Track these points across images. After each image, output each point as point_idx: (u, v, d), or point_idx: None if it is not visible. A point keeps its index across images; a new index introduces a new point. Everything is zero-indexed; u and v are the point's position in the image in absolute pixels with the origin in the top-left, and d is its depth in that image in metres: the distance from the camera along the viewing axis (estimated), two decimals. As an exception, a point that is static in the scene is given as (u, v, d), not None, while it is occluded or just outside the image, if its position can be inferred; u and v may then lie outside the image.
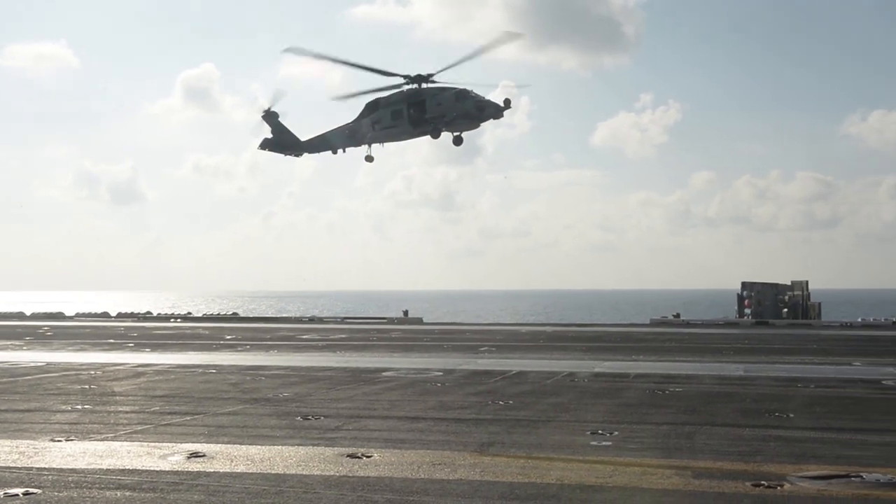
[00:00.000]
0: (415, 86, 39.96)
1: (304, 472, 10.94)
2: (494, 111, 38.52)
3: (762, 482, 10.27)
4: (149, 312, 71.70)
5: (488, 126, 41.88)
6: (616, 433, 13.61)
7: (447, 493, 9.91)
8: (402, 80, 39.24)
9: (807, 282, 59.66)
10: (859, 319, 55.28)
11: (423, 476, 10.73)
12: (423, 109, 39.63)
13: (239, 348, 32.38)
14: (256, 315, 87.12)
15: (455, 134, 40.44)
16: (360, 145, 43.24)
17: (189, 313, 76.51)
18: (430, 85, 39.89)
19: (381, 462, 11.51)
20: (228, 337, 39.18)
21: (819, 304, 59.30)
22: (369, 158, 43.29)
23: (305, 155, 46.85)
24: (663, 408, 16.46)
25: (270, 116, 45.42)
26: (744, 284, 60.74)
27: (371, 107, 41.49)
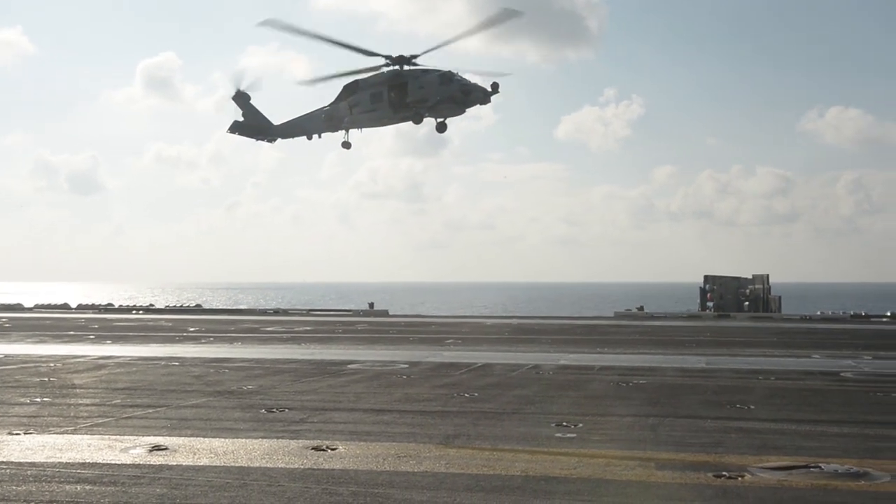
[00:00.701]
0: (396, 67, 37.65)
1: (268, 465, 10.85)
2: (481, 96, 36.58)
3: (724, 473, 10.40)
4: (110, 304, 70.72)
5: (454, 118, 39.85)
6: (581, 425, 13.69)
7: (412, 486, 9.89)
8: (382, 62, 37.07)
9: (767, 275, 60.53)
10: (818, 313, 56.29)
11: (388, 468, 10.71)
12: (405, 93, 37.51)
13: (202, 340, 32.06)
14: (220, 307, 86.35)
15: (439, 120, 38.35)
16: (336, 130, 41.04)
17: (151, 305, 75.59)
18: (413, 67, 37.61)
19: (346, 454, 11.46)
20: (192, 329, 38.78)
21: (779, 297, 60.20)
22: (346, 145, 41.07)
23: (278, 141, 44.13)
24: (627, 400, 16.60)
25: (241, 98, 43.21)
26: (706, 278, 61.47)
27: (349, 89, 39.35)
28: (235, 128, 43.48)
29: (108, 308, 64.99)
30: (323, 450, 11.72)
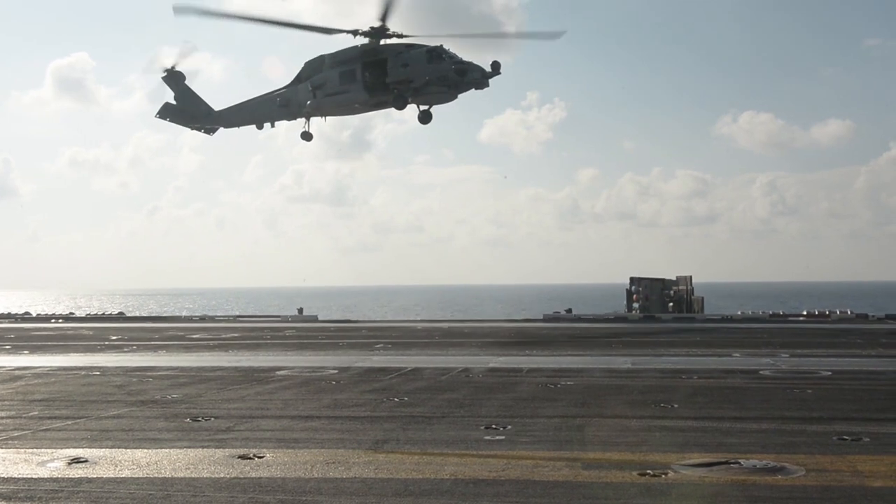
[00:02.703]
0: (370, 41, 30.50)
1: (192, 476, 10.64)
2: (479, 78, 30.29)
3: (648, 471, 10.62)
4: (27, 313, 68.35)
5: (378, 120, 37.12)
6: (509, 427, 13.81)
7: (341, 492, 9.83)
8: (350, 38, 30.14)
9: (690, 277, 61.98)
10: (739, 313, 57.90)
11: (316, 475, 10.61)
12: (384, 71, 30.72)
13: (125, 349, 31.25)
14: (144, 314, 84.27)
15: (423, 108, 31.79)
16: (294, 118, 33.94)
17: (71, 313, 73.33)
18: (394, 41, 30.63)
19: (274, 462, 11.32)
20: (114, 337, 37.75)
21: (702, 298, 61.72)
22: (307, 136, 34.11)
23: (220, 131, 37.08)
24: (555, 401, 16.81)
25: (174, 78, 37.23)
26: (632, 280, 62.62)
27: (312, 66, 32.38)
28: (166, 112, 37.06)
29: (25, 317, 62.80)
30: (250, 458, 11.55)
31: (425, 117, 31.64)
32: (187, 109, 37.01)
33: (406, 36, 30.45)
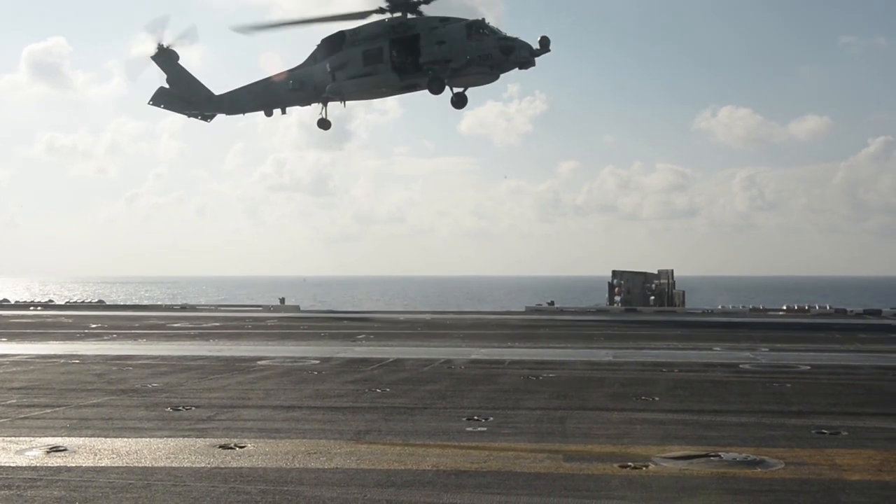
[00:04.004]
0: (398, 15, 26.91)
1: (173, 465, 10.59)
2: (526, 55, 27.07)
3: (629, 463, 10.67)
4: (5, 300, 67.71)
5: (359, 109, 32.66)
6: (491, 419, 13.83)
7: (322, 482, 9.81)
8: (374, 16, 26.65)
9: (672, 270, 62.31)
10: (719, 307, 58.24)
11: (298, 465, 10.59)
12: (416, 50, 27.44)
13: (105, 337, 31.03)
14: (124, 302, 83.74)
15: (457, 90, 28.23)
16: (309, 103, 30.91)
17: (50, 301, 72.72)
18: (423, 15, 27.17)
19: (255, 452, 11.28)
20: (93, 325, 37.47)
21: (683, 291, 62.07)
22: (324, 124, 30.64)
23: (219, 117, 33.11)
24: (537, 393, 16.85)
25: (166, 57, 33.31)
26: (614, 273, 62.85)
27: (331, 44, 28.97)
28: (160, 98, 33.53)
29: (3, 304, 62.21)
30: (231, 448, 11.50)
31: (460, 101, 28.07)
32: (184, 94, 33.11)
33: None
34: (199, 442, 11.91)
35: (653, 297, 59.60)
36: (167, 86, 33.09)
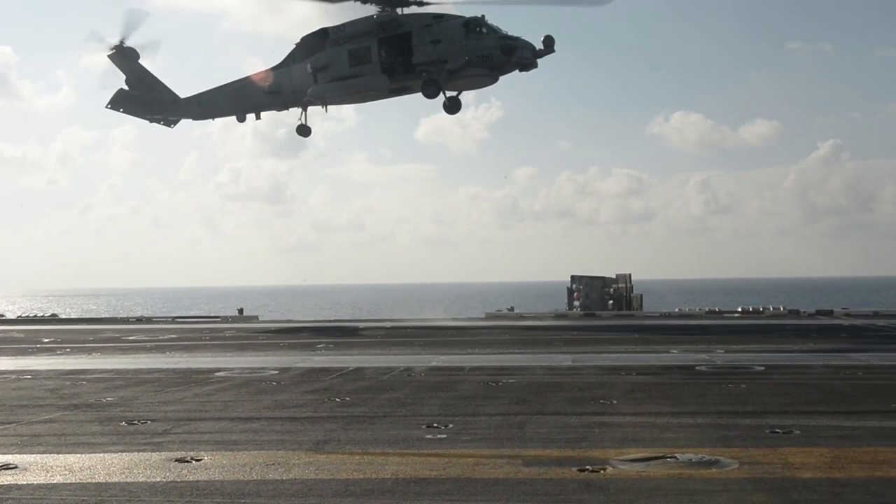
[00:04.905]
0: (385, 10, 24.39)
1: (127, 480, 10.42)
2: (528, 58, 25.06)
3: (587, 467, 10.75)
4: (-45, 315, 66.03)
5: (315, 117, 28.57)
6: (451, 426, 13.84)
7: (280, 494, 9.73)
8: (358, 7, 23.47)
9: (630, 275, 62.96)
10: (676, 310, 58.94)
11: (255, 477, 10.49)
12: (408, 49, 25.22)
13: (58, 351, 30.43)
14: (78, 316, 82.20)
15: (451, 94, 26.24)
16: (286, 108, 28.63)
17: (1, 315, 71.10)
18: (416, 10, 24.98)
19: (212, 465, 11.15)
20: (46, 340, 36.72)
21: (641, 295, 62.72)
22: (304, 130, 28.86)
23: (184, 123, 30.38)
24: (496, 399, 16.90)
25: (125, 56, 30.77)
26: (573, 278, 63.31)
27: (312, 43, 26.40)
28: (119, 102, 30.72)
29: (-47, 319, 60.65)
30: (187, 461, 11.35)
31: (454, 105, 26.24)
32: (145, 97, 30.31)
33: (426, 3, 24.50)
34: (155, 456, 11.74)
35: (611, 302, 60.12)
36: (126, 88, 30.73)
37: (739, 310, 53.23)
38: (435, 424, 13.94)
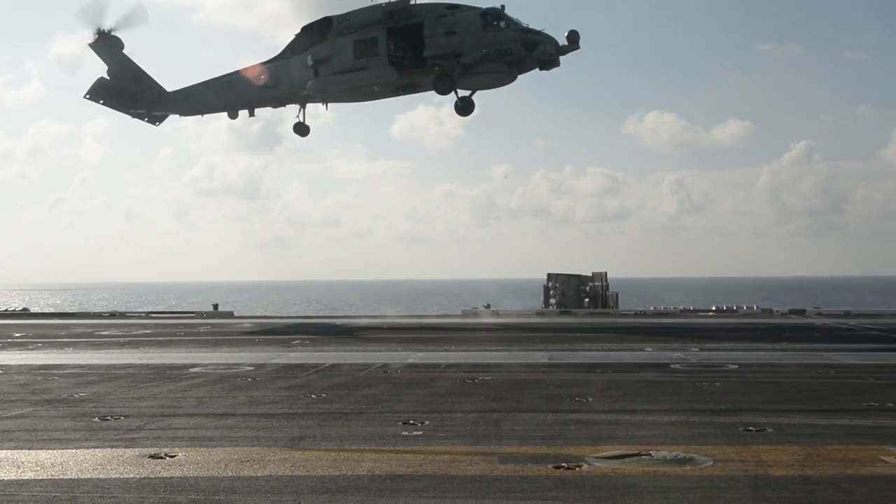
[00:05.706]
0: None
1: (100, 476, 10.32)
2: (551, 53, 23.13)
3: (563, 464, 10.79)
4: (-77, 308, 65.04)
5: (289, 113, 25.94)
6: (427, 423, 13.83)
7: (255, 490, 9.68)
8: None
9: (605, 273, 63.31)
10: (651, 308, 59.34)
11: (230, 474, 10.42)
12: (419, 41, 23.14)
13: (30, 346, 30.07)
14: (50, 310, 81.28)
15: (465, 94, 24.38)
16: (283, 104, 26.91)
17: (-28, 309, 70.09)
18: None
19: (186, 461, 11.06)
20: (17, 334, 36.26)
21: (616, 293, 63.08)
22: (302, 129, 27.06)
23: (171, 119, 28.34)
24: (473, 396, 16.92)
25: (107, 44, 28.63)
26: (549, 276, 63.57)
27: (313, 32, 24.26)
28: (99, 93, 28.73)
29: (-79, 313, 59.75)
30: (161, 457, 11.26)
31: (466, 106, 24.39)
32: (128, 89, 28.43)
33: None
34: (128, 452, 11.63)
35: (587, 299, 60.44)
36: (107, 77, 28.77)
37: (713, 308, 53.66)
38: (411, 421, 13.93)
